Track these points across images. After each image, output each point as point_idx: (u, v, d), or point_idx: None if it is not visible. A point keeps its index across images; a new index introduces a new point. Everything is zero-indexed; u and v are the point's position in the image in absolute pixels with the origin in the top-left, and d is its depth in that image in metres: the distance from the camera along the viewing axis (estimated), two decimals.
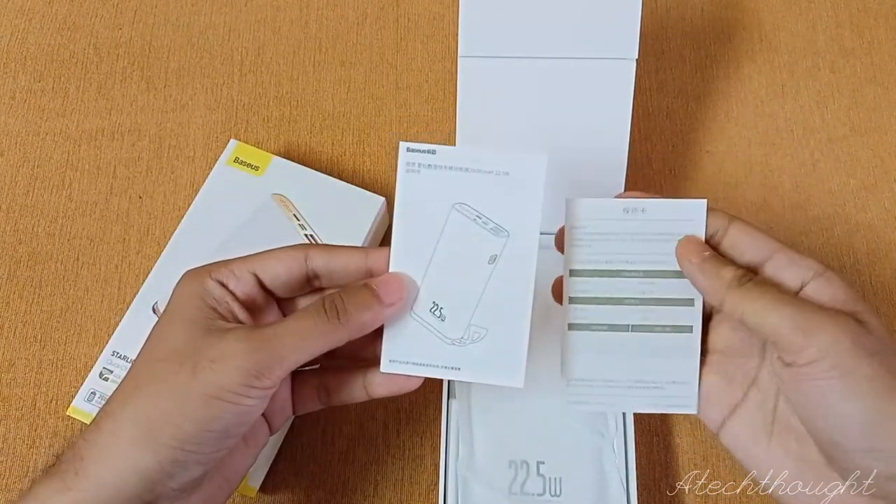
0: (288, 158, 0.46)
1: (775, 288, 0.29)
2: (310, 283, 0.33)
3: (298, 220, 0.44)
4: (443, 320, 0.32)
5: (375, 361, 0.33)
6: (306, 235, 0.44)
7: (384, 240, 0.48)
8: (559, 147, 0.42)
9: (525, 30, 0.40)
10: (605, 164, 0.42)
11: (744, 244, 0.31)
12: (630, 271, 0.33)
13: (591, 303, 0.33)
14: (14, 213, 0.49)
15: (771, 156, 0.51)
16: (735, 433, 0.32)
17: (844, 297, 0.29)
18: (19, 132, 0.51)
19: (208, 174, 0.46)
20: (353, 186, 0.45)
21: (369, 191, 0.45)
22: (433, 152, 0.32)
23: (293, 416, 0.35)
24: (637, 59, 0.40)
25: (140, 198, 0.49)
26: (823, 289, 0.29)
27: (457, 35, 0.40)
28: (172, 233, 0.44)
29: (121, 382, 0.30)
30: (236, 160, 0.46)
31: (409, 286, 0.32)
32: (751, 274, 0.30)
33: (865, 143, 0.51)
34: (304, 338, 0.29)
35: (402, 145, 0.32)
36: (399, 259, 0.32)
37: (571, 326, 0.33)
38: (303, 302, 0.34)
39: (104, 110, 0.52)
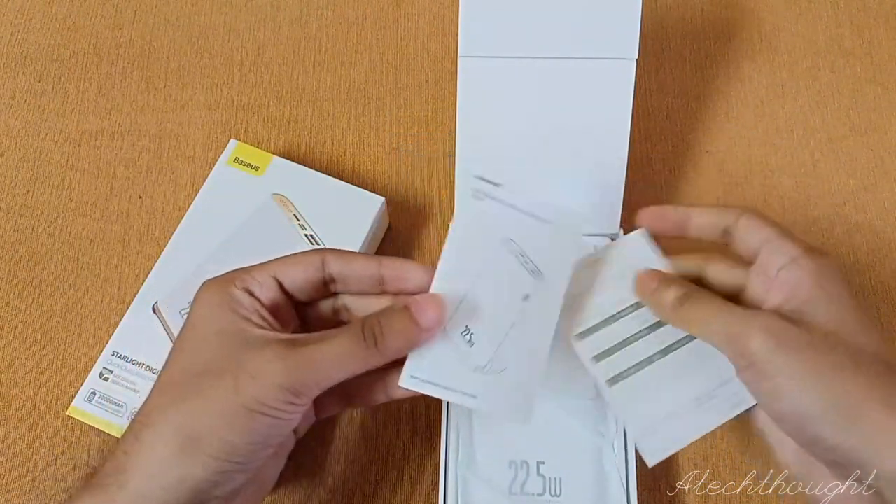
0: (288, 158, 0.46)
1: (708, 303, 0.32)
2: (326, 287, 0.34)
3: (298, 220, 0.44)
4: (471, 346, 0.32)
5: (396, 364, 0.33)
6: (306, 235, 0.44)
7: (384, 240, 0.48)
8: (559, 147, 0.42)
9: (525, 30, 0.40)
10: (605, 164, 0.42)
11: (747, 235, 0.33)
12: (624, 310, 0.35)
13: (610, 354, 0.35)
14: (14, 213, 0.49)
15: (771, 156, 0.51)
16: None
17: (809, 282, 0.30)
18: (19, 132, 0.51)
19: (208, 174, 0.45)
20: (353, 186, 0.45)
21: (369, 191, 0.45)
22: (498, 185, 0.33)
23: (314, 419, 0.36)
24: (637, 59, 0.40)
25: (140, 198, 0.49)
26: (792, 273, 0.30)
27: (457, 35, 0.40)
28: (172, 233, 0.44)
29: (153, 392, 0.30)
30: (236, 160, 0.46)
31: (446, 311, 0.32)
32: (690, 292, 0.32)
33: (865, 143, 0.51)
34: (342, 362, 0.30)
35: (470, 173, 0.33)
36: (443, 278, 0.32)
37: (608, 382, 0.35)
38: (320, 306, 0.35)
39: (104, 110, 0.52)
